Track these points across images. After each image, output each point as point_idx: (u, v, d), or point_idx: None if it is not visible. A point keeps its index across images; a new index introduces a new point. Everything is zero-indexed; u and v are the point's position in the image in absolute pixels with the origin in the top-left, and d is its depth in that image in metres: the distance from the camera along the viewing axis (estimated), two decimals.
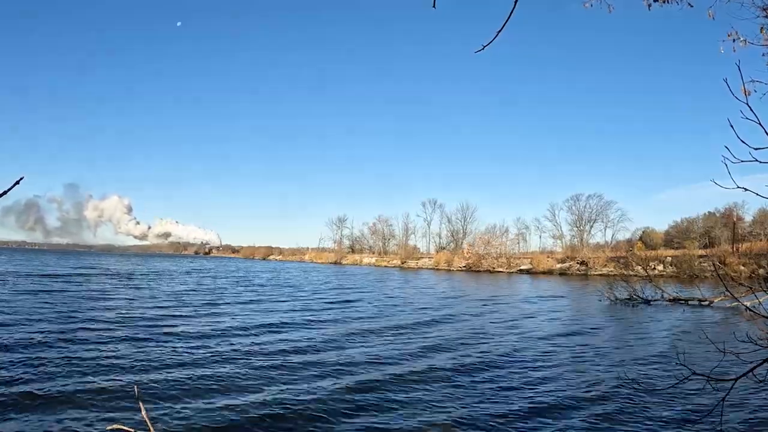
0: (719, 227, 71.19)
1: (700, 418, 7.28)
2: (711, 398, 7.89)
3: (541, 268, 65.92)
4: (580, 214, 79.30)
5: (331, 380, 9.48)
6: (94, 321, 15.57)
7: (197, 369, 9.94)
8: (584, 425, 7.38)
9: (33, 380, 8.70)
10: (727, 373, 4.12)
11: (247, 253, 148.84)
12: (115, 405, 7.57)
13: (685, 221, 79.12)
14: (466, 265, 74.48)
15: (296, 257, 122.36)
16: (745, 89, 3.46)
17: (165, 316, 17.60)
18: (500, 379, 10.02)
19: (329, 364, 10.85)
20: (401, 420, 7.45)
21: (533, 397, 8.75)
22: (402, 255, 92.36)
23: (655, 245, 74.21)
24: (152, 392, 8.30)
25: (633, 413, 7.84)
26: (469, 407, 8.07)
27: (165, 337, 13.24)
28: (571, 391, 9.13)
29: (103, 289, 27.56)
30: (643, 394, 8.57)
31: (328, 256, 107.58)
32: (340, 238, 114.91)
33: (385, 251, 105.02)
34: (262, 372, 9.94)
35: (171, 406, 7.70)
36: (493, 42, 3.05)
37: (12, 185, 1.86)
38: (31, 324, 14.28)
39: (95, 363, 10.06)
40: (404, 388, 9.08)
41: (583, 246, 74.63)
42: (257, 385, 8.98)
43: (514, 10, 3.05)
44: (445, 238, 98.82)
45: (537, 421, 7.52)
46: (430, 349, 12.85)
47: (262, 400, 8.11)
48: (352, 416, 7.56)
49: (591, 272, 60.44)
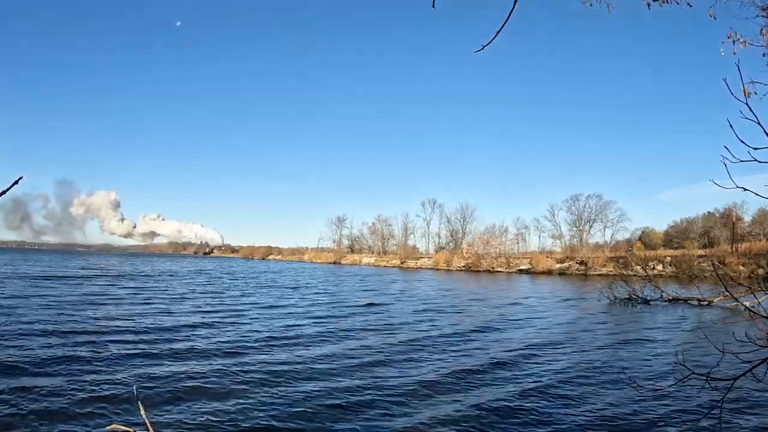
0: (718, 227, 71.23)
1: (699, 417, 7.29)
2: (710, 398, 7.91)
3: (540, 268, 65.97)
4: (580, 214, 79.37)
5: (339, 381, 9.49)
6: (92, 325, 15.56)
7: (200, 371, 9.94)
8: (584, 425, 7.38)
9: (33, 380, 8.69)
10: (727, 373, 4.12)
11: (247, 253, 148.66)
12: (115, 405, 7.57)
13: (685, 221, 79.29)
14: (466, 265, 74.52)
15: (295, 257, 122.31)
16: (745, 90, 3.46)
17: (169, 318, 17.60)
18: (499, 378, 10.02)
19: (335, 368, 10.85)
20: (404, 417, 7.46)
21: (532, 397, 8.74)
22: (401, 255, 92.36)
23: (654, 245, 74.25)
24: (152, 392, 8.30)
25: (632, 413, 7.85)
26: (467, 407, 8.07)
27: (170, 339, 13.24)
28: (570, 390, 9.14)
29: (102, 292, 27.53)
30: (642, 394, 8.57)
31: (328, 256, 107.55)
32: (339, 238, 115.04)
33: (384, 251, 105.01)
34: (265, 374, 9.94)
35: (171, 406, 7.70)
36: (493, 42, 3.05)
37: (11, 185, 1.86)
38: (46, 325, 14.28)
39: (96, 363, 10.06)
40: (405, 385, 9.09)
41: (582, 246, 74.63)
42: (259, 387, 8.98)
43: (513, 10, 3.05)
44: (444, 238, 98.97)
45: (536, 421, 7.52)
46: (425, 350, 12.86)
47: (262, 402, 8.12)
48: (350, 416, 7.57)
49: (590, 272, 60.50)
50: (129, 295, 24.64)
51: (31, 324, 14.22)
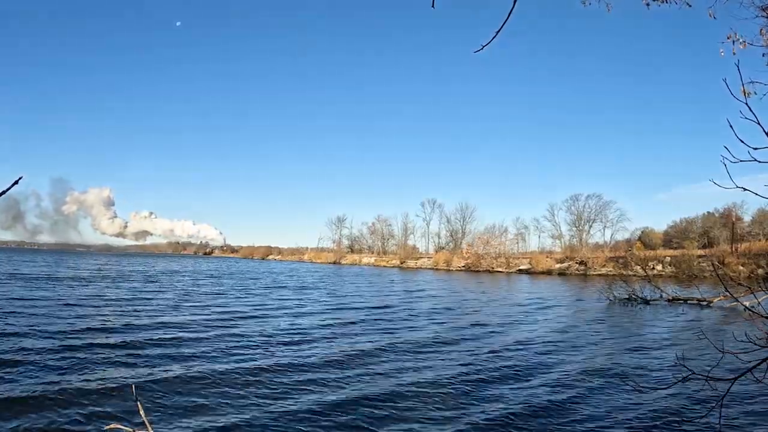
0: (718, 227, 71.22)
1: (699, 417, 7.29)
2: (710, 398, 7.91)
3: (540, 268, 65.98)
4: (579, 214, 79.41)
5: (326, 391, 9.49)
6: (92, 325, 15.56)
7: (201, 371, 9.94)
8: (583, 425, 7.38)
9: (34, 380, 8.68)
10: (726, 373, 4.13)
11: (246, 253, 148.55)
12: (115, 406, 7.56)
13: (684, 221, 79.20)
14: (465, 265, 74.54)
15: (295, 257, 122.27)
16: (745, 90, 3.46)
17: (170, 315, 17.58)
18: (499, 378, 10.02)
19: (330, 375, 10.85)
20: (407, 414, 7.46)
21: (532, 397, 8.74)
22: (401, 255, 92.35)
23: (654, 245, 74.24)
24: (153, 393, 8.30)
25: (632, 413, 7.85)
26: (466, 407, 8.07)
27: (170, 338, 13.24)
28: (569, 390, 9.13)
29: (99, 293, 27.51)
30: (642, 394, 8.58)
31: (328, 256, 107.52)
32: (339, 238, 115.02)
33: (384, 251, 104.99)
34: (266, 375, 9.94)
35: (172, 407, 7.70)
36: (493, 42, 3.04)
37: (11, 185, 1.86)
38: (46, 323, 14.27)
39: (96, 364, 10.05)
40: (405, 381, 9.10)
41: (582, 246, 74.65)
42: (261, 388, 8.98)
43: (513, 10, 3.05)
44: (444, 238, 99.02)
45: (536, 421, 7.52)
46: (424, 349, 12.87)
47: (264, 403, 8.11)
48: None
49: (590, 272, 60.52)
50: (129, 296, 24.62)
51: (31, 324, 14.21)
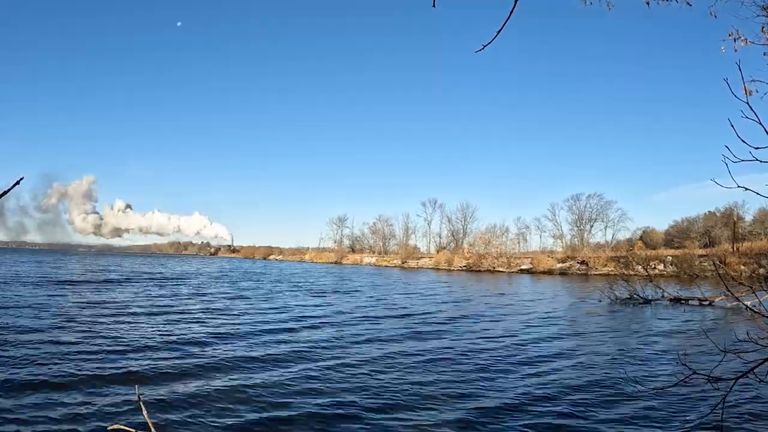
0: (719, 227, 71.13)
1: (700, 417, 7.28)
2: (711, 398, 7.90)
3: (541, 267, 65.88)
4: (581, 213, 79.39)
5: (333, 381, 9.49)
6: (94, 324, 15.59)
7: (203, 371, 9.95)
8: (584, 425, 7.37)
9: (33, 380, 8.70)
10: (728, 373, 4.12)
11: (247, 253, 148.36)
12: (117, 406, 7.57)
13: (686, 221, 79.11)
14: (467, 265, 74.44)
15: (296, 257, 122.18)
16: (746, 88, 3.45)
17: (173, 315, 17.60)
18: (499, 378, 10.02)
19: (337, 363, 10.86)
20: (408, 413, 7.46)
21: (532, 397, 8.74)
22: (402, 255, 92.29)
23: (655, 245, 74.12)
24: (154, 393, 8.31)
25: (633, 413, 7.84)
26: (466, 407, 8.06)
27: (172, 338, 13.25)
28: (570, 390, 9.13)
29: (98, 295, 27.55)
30: (643, 394, 8.56)
31: (329, 255, 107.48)
32: (340, 238, 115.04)
33: (385, 251, 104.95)
34: (269, 375, 9.95)
35: (173, 407, 7.71)
36: (494, 42, 3.04)
37: (12, 185, 1.87)
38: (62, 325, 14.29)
39: (97, 363, 10.07)
40: (405, 380, 9.10)
41: (583, 246, 74.62)
42: (263, 389, 8.99)
43: (513, 10, 3.05)
44: (445, 238, 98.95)
45: (536, 421, 7.51)
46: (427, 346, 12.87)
47: (267, 404, 8.12)
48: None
49: (591, 272, 60.41)
50: (129, 296, 24.66)
51: (31, 324, 14.24)
